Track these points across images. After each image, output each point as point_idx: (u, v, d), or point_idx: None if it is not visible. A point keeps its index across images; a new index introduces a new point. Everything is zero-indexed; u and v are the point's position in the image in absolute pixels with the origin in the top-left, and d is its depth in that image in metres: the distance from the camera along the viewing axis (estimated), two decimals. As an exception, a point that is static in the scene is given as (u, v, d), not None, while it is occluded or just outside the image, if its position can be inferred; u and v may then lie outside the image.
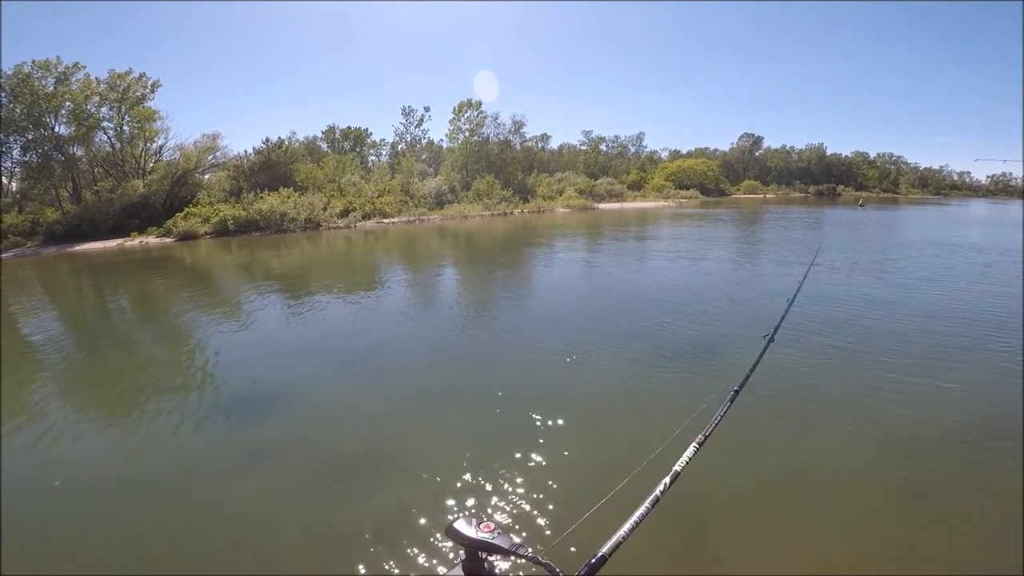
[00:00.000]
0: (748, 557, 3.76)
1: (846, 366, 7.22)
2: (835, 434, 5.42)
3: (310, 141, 53.09)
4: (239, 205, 31.09)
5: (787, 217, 39.02)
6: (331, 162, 41.87)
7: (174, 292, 14.42)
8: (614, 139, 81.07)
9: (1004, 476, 4.65)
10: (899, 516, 4.18)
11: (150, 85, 34.41)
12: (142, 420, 6.13)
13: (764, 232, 28.21)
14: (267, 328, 9.98)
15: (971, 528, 4.03)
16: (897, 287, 12.52)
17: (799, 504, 4.33)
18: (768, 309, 10.10)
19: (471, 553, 1.17)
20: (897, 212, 49.57)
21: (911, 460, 4.95)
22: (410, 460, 5.04)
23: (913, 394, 6.28)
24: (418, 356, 8.14)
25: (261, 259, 20.38)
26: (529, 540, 3.79)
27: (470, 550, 1.16)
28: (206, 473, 5.00)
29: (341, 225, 32.34)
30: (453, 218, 37.13)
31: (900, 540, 3.90)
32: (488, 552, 1.15)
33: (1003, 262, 16.34)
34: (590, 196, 52.01)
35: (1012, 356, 7.54)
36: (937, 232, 27.63)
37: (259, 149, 38.49)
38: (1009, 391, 6.38)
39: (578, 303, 11.67)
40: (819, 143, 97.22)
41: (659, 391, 6.44)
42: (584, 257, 19.09)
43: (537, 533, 3.89)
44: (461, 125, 50.48)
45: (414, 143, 59.42)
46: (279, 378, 7.30)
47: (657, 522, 3.95)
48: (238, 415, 6.17)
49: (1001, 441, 5.21)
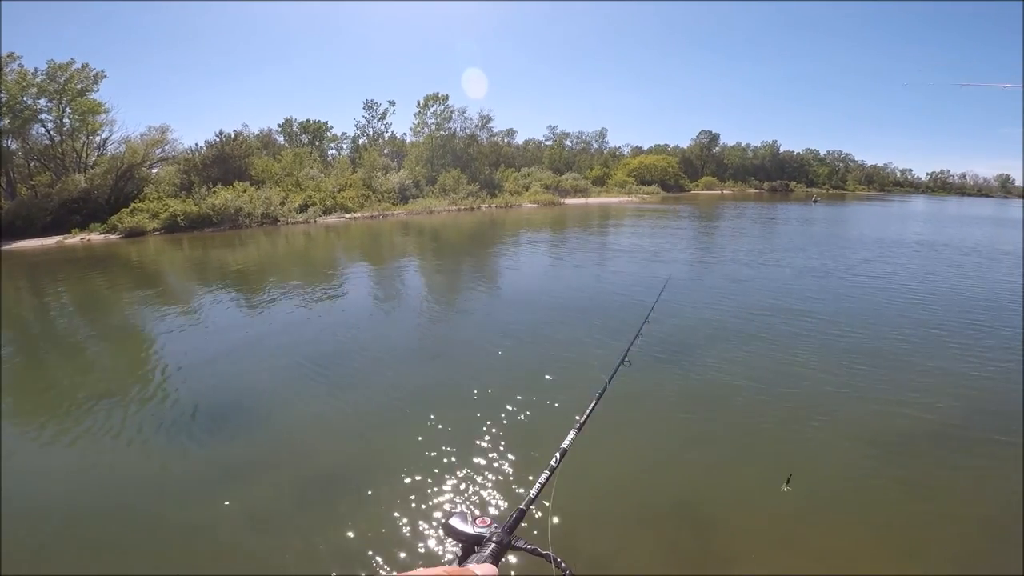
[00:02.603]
0: (751, 556, 3.79)
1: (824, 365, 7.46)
2: (818, 433, 5.56)
3: (265, 134, 51.20)
4: (190, 200, 29.71)
5: (746, 215, 40.27)
6: (288, 155, 40.54)
7: (122, 292, 13.65)
8: (578, 135, 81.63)
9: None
10: (894, 513, 4.28)
11: (93, 76, 32.34)
12: (94, 434, 5.71)
13: (722, 232, 29.00)
14: (227, 331, 9.54)
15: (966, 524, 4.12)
16: (870, 288, 13.09)
17: (798, 502, 4.37)
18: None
19: (468, 549, 1.16)
20: (847, 208, 51.98)
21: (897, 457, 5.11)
22: (391, 467, 4.90)
23: (887, 390, 6.53)
24: (385, 358, 7.98)
25: (215, 256, 19.55)
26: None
27: (466, 546, 1.16)
28: (173, 493, 4.66)
29: (300, 220, 31.38)
30: (418, 213, 36.60)
31: (895, 537, 3.98)
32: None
33: (967, 261, 17.25)
34: (556, 191, 52.24)
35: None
36: (898, 228, 29.09)
37: (212, 142, 36.87)
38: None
39: (541, 298, 11.68)
40: (773, 140, 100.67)
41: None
42: (549, 260, 19.18)
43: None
44: (427, 119, 49.75)
45: (376, 137, 58.17)
46: (243, 385, 6.98)
47: (661, 523, 4.03)
48: (203, 428, 5.84)
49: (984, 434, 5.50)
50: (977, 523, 4.15)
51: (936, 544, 3.98)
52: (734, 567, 3.73)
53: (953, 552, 3.89)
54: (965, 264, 16.71)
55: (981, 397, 6.43)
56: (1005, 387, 6.79)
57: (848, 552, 3.85)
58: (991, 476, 4.88)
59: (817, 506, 4.42)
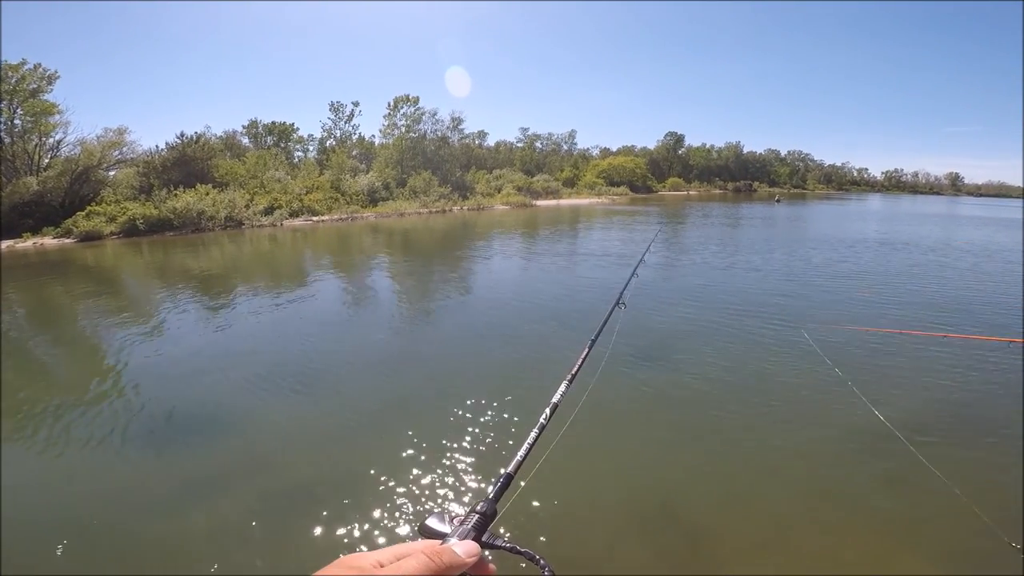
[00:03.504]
0: (739, 557, 3.82)
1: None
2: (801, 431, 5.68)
3: (230, 136, 49.94)
4: (150, 203, 28.79)
5: (713, 216, 41.26)
6: (252, 157, 39.64)
7: (78, 298, 13.19)
8: (548, 136, 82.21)
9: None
10: (884, 511, 4.30)
11: (47, 77, 31.02)
12: (52, 446, 5.53)
13: (692, 232, 29.69)
14: (190, 338, 9.32)
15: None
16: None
17: (785, 501, 4.45)
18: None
19: None
20: (809, 207, 53.82)
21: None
22: (364, 474, 4.84)
23: (870, 386, 6.69)
24: (355, 364, 7.94)
25: (177, 261, 19.02)
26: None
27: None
28: (136, 507, 4.50)
29: (266, 223, 30.76)
30: (388, 216, 36.27)
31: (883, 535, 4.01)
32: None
33: (927, 261, 17.85)
34: (528, 193, 52.49)
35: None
36: (860, 227, 30.29)
37: (172, 144, 35.78)
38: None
39: (513, 295, 11.81)
40: (736, 141, 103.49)
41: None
42: (524, 263, 19.32)
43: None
44: (397, 121, 49.35)
45: (344, 139, 57.37)
46: (208, 395, 6.79)
47: (646, 525, 4.12)
48: (167, 439, 5.67)
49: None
50: (975, 522, 4.04)
51: (933, 544, 3.95)
52: (723, 568, 3.73)
53: (952, 552, 3.86)
54: (927, 264, 17.19)
55: (967, 392, 6.63)
56: (982, 385, 6.93)
57: (840, 552, 3.84)
58: (989, 474, 4.84)
59: (808, 505, 4.41)
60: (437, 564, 0.59)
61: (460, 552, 0.62)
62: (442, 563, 0.60)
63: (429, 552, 0.60)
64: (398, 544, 0.63)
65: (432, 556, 0.60)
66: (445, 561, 0.60)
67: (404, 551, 0.60)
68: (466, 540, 0.67)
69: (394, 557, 0.59)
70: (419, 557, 0.59)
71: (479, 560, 0.66)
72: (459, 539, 0.67)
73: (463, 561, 0.63)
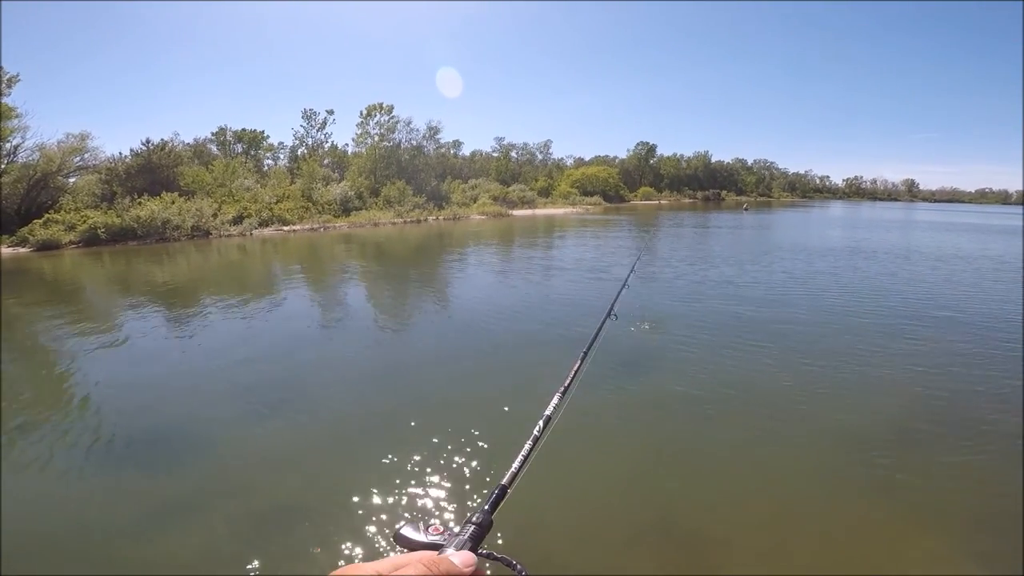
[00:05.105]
0: (736, 565, 3.81)
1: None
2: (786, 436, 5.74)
3: (199, 143, 48.75)
4: (112, 211, 27.81)
5: (685, 224, 42.12)
6: (220, 165, 38.74)
7: (34, 309, 12.62)
8: (523, 146, 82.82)
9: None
10: (880, 514, 4.32)
11: (7, 80, 29.77)
12: (12, 468, 5.24)
13: (669, 242, 30.25)
14: (156, 353, 9.00)
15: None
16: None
17: (781, 506, 4.47)
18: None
19: None
20: (775, 215, 55.42)
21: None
22: (341, 491, 4.73)
23: (858, 389, 6.91)
24: (328, 379, 7.75)
25: (141, 271, 18.40)
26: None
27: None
28: (105, 532, 4.29)
29: (235, 233, 30.03)
30: (362, 225, 35.86)
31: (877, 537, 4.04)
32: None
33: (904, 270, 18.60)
34: (504, 203, 52.65)
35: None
36: (827, 234, 31.32)
37: (137, 151, 34.76)
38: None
39: (493, 312, 11.81)
40: (705, 151, 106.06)
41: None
42: (501, 275, 19.34)
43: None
44: (370, 129, 48.98)
45: (316, 147, 56.64)
46: (177, 412, 6.54)
47: (642, 537, 4.10)
48: (135, 459, 5.44)
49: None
50: (974, 522, 4.07)
51: (933, 543, 3.98)
52: (719, 572, 3.74)
53: (951, 551, 3.89)
54: (899, 273, 17.80)
55: (956, 395, 6.82)
56: (970, 385, 7.16)
57: (837, 554, 3.87)
58: (987, 475, 4.92)
59: (805, 509, 4.45)
60: (435, 574, 0.61)
61: (458, 563, 0.64)
62: (440, 573, 0.61)
63: (427, 562, 0.61)
64: (396, 555, 0.64)
65: (430, 566, 0.61)
66: (443, 571, 0.61)
67: (402, 562, 0.61)
68: (463, 551, 0.68)
69: (393, 568, 0.60)
70: (417, 567, 0.60)
71: (475, 571, 0.67)
72: (455, 549, 0.68)
73: (460, 572, 0.63)
